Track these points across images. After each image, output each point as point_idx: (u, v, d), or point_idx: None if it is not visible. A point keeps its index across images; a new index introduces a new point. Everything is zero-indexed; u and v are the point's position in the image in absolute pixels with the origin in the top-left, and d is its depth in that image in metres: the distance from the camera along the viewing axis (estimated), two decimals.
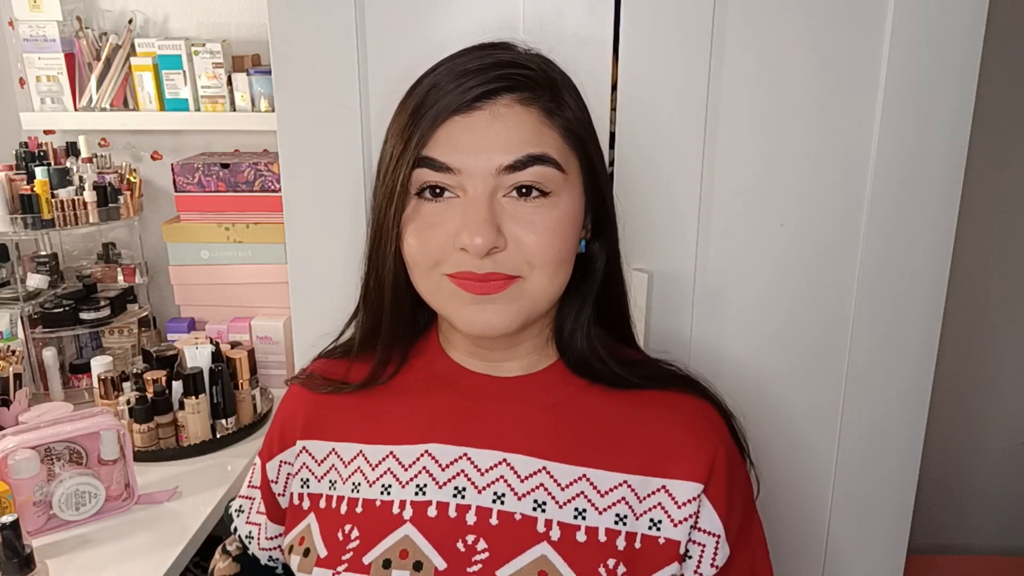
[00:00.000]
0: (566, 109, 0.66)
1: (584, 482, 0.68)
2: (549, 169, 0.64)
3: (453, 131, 0.63)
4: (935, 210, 0.97)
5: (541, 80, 0.65)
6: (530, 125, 0.64)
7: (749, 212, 0.99)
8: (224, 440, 1.30)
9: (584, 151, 0.67)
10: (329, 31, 0.97)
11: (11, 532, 0.87)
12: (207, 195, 1.53)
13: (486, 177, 0.63)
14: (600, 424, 0.70)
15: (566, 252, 0.66)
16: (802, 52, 0.94)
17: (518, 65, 0.65)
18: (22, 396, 1.29)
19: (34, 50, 1.55)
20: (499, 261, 0.63)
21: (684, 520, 0.67)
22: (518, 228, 0.64)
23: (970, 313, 1.60)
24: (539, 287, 0.65)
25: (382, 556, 0.67)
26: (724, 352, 1.04)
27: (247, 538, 0.82)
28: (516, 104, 0.64)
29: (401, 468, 0.71)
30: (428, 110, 0.64)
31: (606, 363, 0.72)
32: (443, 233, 0.64)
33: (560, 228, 0.65)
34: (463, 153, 0.63)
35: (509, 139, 0.63)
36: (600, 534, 0.66)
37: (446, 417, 0.72)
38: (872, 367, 1.03)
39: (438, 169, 0.63)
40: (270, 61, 0.99)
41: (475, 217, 0.62)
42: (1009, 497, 1.73)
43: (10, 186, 1.39)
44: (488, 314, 0.65)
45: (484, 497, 0.68)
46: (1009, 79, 1.48)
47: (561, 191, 0.65)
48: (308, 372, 0.80)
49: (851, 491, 1.07)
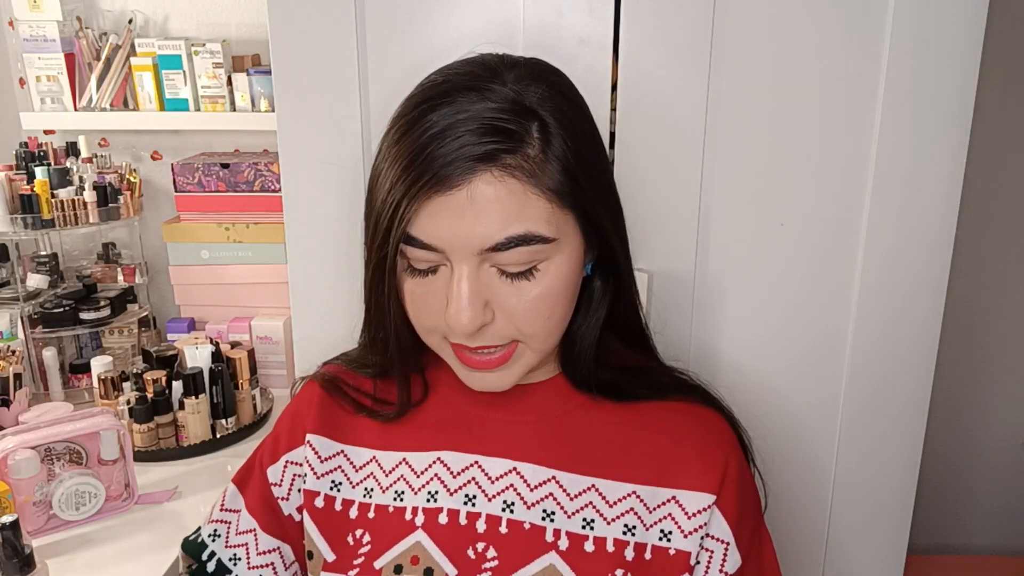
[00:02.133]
0: (552, 162, 0.61)
1: (593, 492, 0.68)
2: (534, 247, 0.61)
3: (433, 210, 0.60)
4: (935, 210, 0.97)
5: (522, 137, 0.60)
6: (512, 202, 0.59)
7: (749, 212, 0.99)
8: (224, 440, 1.30)
9: (578, 202, 0.63)
10: (329, 31, 0.97)
11: (11, 532, 0.86)
12: (207, 195, 1.53)
13: (469, 257, 0.61)
14: (610, 434, 0.70)
15: (560, 311, 0.65)
16: (802, 52, 0.94)
17: (495, 127, 0.59)
18: (22, 396, 1.29)
19: (34, 50, 1.55)
20: (491, 333, 0.63)
21: (694, 531, 0.67)
22: (507, 299, 0.62)
23: (970, 313, 1.60)
24: (536, 348, 0.66)
25: (393, 562, 0.67)
26: (724, 352, 1.04)
27: (231, 560, 0.78)
28: (496, 180, 0.59)
29: (414, 475, 0.71)
30: (409, 186, 0.60)
31: (608, 383, 0.71)
32: (435, 303, 0.63)
33: (550, 296, 0.63)
34: (444, 234, 0.60)
35: (489, 221, 0.59)
36: (608, 544, 0.66)
37: (458, 425, 0.72)
38: (872, 367, 1.03)
39: (421, 247, 0.61)
40: (270, 61, 0.99)
41: (460, 297, 0.61)
42: (1009, 497, 1.73)
43: (10, 186, 1.39)
44: (490, 379, 0.66)
45: (494, 505, 0.68)
46: (1009, 79, 1.48)
47: (552, 256, 0.62)
48: (332, 376, 0.78)
49: (851, 491, 1.07)
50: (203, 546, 0.80)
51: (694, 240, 1.00)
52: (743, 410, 0.76)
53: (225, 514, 0.80)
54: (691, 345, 1.03)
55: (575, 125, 0.63)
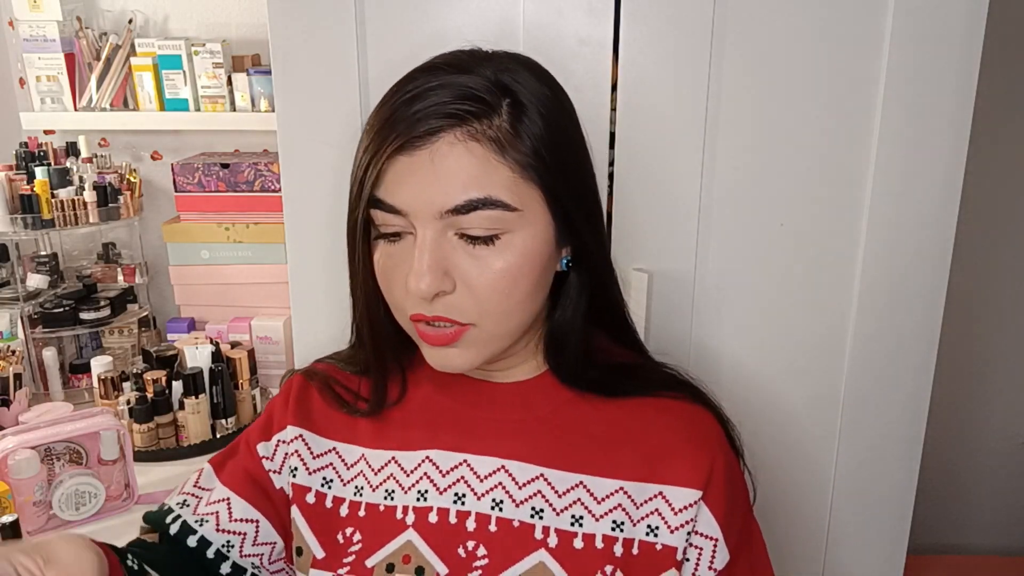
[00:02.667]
0: (522, 137, 0.61)
1: (581, 489, 0.68)
2: (495, 212, 0.60)
3: (399, 171, 0.61)
4: (935, 210, 0.97)
5: (493, 107, 0.60)
6: (474, 165, 0.60)
7: (749, 212, 0.99)
8: (224, 440, 1.30)
9: (544, 179, 0.62)
10: (329, 31, 0.97)
11: (11, 532, 0.87)
12: (207, 195, 1.53)
13: (431, 220, 0.61)
14: (597, 431, 0.70)
15: (520, 294, 0.63)
16: (802, 52, 0.94)
17: (467, 93, 0.60)
18: (22, 396, 1.29)
19: (34, 50, 1.55)
20: (448, 305, 0.62)
21: (681, 526, 0.67)
22: (468, 268, 0.62)
23: (970, 313, 1.60)
24: (491, 333, 0.64)
25: (385, 560, 0.68)
26: (724, 352, 1.04)
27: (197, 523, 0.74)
28: (459, 142, 0.59)
29: (403, 473, 0.71)
30: (378, 147, 0.62)
31: (596, 380, 0.71)
32: (400, 275, 0.63)
33: (512, 269, 0.62)
34: (407, 195, 0.61)
35: (449, 182, 0.59)
36: (597, 540, 0.66)
37: (446, 423, 0.72)
38: (872, 367, 1.03)
39: (387, 210, 0.62)
40: (270, 61, 0.99)
41: (419, 262, 0.61)
42: (1008, 497, 1.73)
43: (10, 186, 1.39)
44: (449, 357, 0.65)
45: (483, 504, 0.68)
46: (1009, 79, 1.48)
47: (515, 228, 0.62)
48: (321, 373, 0.78)
49: (851, 491, 1.08)
50: (168, 511, 0.76)
51: (694, 240, 1.00)
52: (743, 410, 0.76)
53: (197, 490, 0.77)
54: (691, 345, 1.03)
55: (553, 116, 0.63)
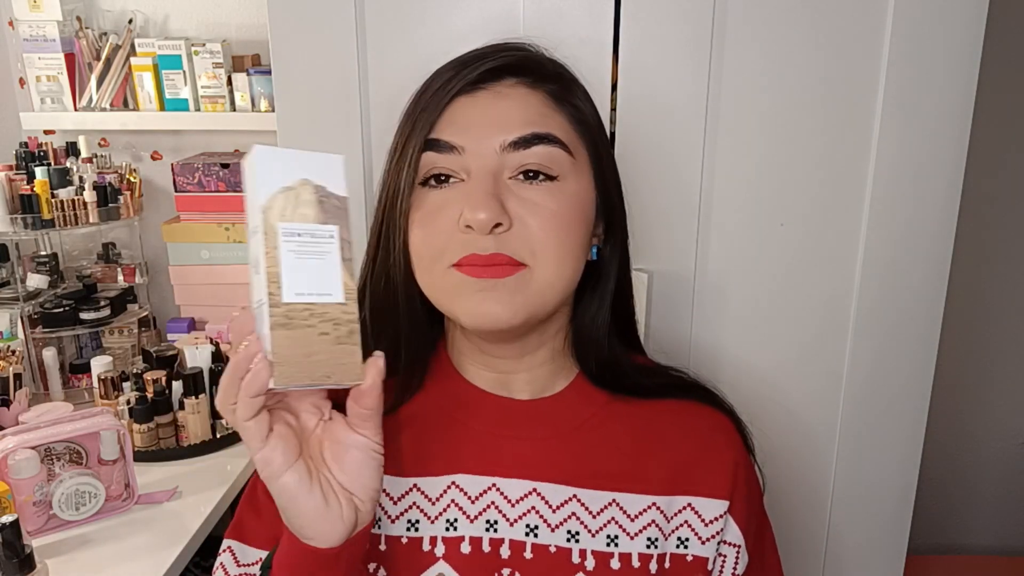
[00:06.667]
0: (575, 99, 0.64)
1: (614, 508, 0.66)
2: (555, 149, 0.61)
3: (457, 111, 0.62)
4: (935, 210, 0.97)
5: (549, 69, 0.64)
6: (535, 106, 0.62)
7: (749, 212, 0.99)
8: (224, 440, 1.30)
9: (594, 142, 0.65)
10: (329, 31, 0.97)
11: (11, 532, 0.86)
12: (207, 195, 1.53)
13: (490, 155, 0.60)
14: (624, 445, 0.68)
15: (572, 243, 0.62)
16: (802, 52, 0.94)
17: (526, 55, 0.65)
18: (22, 396, 1.29)
19: (34, 50, 1.55)
20: (504, 242, 0.59)
21: (712, 537, 0.66)
22: (523, 210, 0.60)
23: (970, 313, 1.60)
24: (545, 279, 0.61)
25: None
26: (724, 352, 1.04)
27: None
28: (521, 86, 0.63)
29: (428, 502, 0.67)
30: (433, 94, 0.63)
31: (626, 371, 0.70)
32: (447, 219, 0.60)
33: (566, 215, 0.61)
34: (467, 131, 0.61)
35: (513, 117, 0.61)
36: (634, 560, 0.65)
37: (469, 446, 0.68)
38: (872, 367, 1.03)
39: (443, 150, 0.61)
40: (270, 61, 0.99)
41: (479, 192, 0.59)
42: (1008, 497, 1.73)
43: (10, 186, 1.39)
44: (491, 303, 0.60)
45: (516, 530, 0.66)
46: (1009, 79, 1.48)
47: (569, 176, 0.62)
48: None
49: (851, 491, 1.07)
50: None
51: (694, 240, 1.00)
52: (743, 410, 0.76)
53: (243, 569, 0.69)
54: (691, 344, 1.03)
55: (594, 107, 0.67)
